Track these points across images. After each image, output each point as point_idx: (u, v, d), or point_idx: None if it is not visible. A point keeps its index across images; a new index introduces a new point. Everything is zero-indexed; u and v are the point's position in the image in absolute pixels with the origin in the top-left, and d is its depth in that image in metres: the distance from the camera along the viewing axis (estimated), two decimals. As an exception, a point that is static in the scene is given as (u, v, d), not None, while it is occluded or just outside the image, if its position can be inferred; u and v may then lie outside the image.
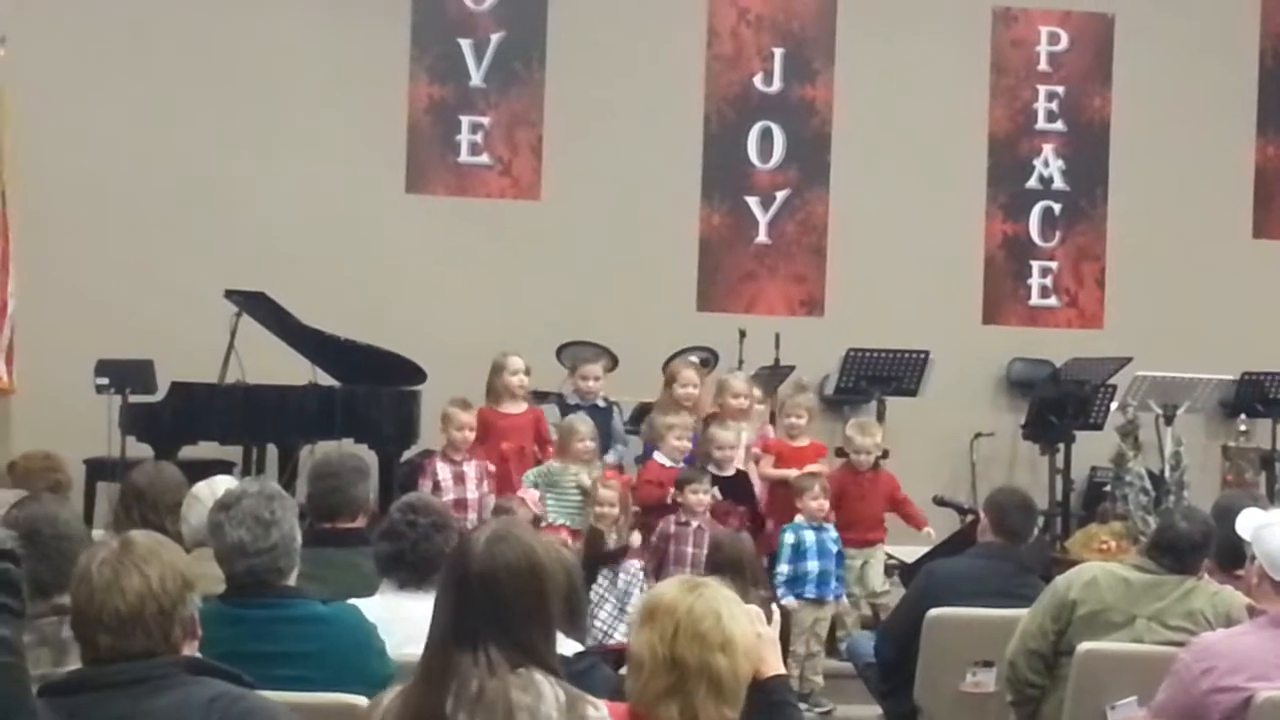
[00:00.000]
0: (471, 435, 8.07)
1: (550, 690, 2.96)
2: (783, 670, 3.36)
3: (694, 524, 7.60)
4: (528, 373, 8.50)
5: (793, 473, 8.18)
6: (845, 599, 7.88)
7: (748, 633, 3.10)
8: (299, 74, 10.57)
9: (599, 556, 7.42)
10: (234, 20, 10.50)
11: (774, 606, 3.54)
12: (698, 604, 3.05)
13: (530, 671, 2.96)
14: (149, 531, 3.49)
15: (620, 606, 7.36)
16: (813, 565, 7.67)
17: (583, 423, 8.08)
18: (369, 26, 10.71)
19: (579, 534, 7.64)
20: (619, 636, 7.12)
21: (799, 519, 7.80)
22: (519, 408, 8.42)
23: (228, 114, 10.42)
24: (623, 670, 3.22)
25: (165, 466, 5.86)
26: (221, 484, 4.89)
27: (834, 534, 7.81)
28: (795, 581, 7.65)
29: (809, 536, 7.72)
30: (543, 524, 7.48)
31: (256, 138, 10.45)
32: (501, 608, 2.96)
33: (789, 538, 7.71)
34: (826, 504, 7.81)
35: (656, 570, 7.43)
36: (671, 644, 3.01)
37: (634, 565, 7.55)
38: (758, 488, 8.28)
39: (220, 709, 3.00)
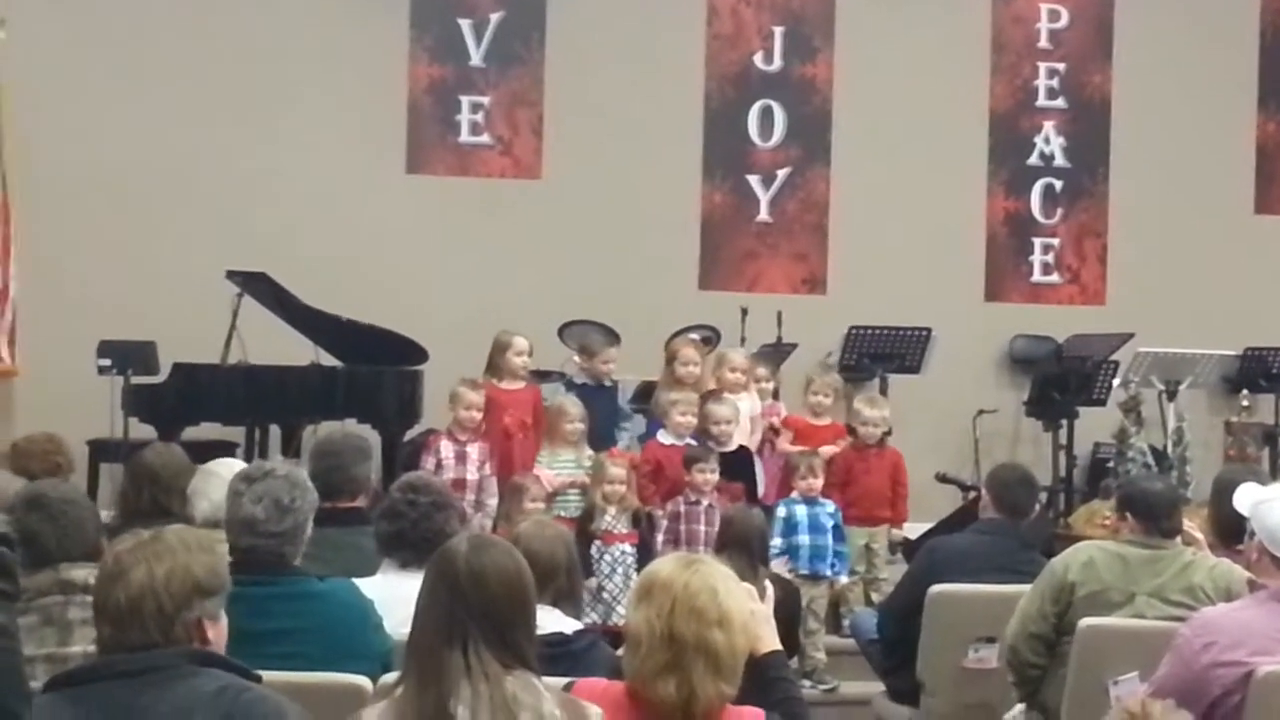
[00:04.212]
0: (479, 415, 8.02)
1: (546, 690, 3.00)
2: (778, 646, 3.36)
3: (704, 503, 7.57)
4: (530, 353, 8.51)
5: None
6: (846, 577, 7.86)
7: (744, 609, 3.11)
8: (298, 56, 10.54)
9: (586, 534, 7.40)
10: (233, 2, 10.48)
11: (767, 583, 3.53)
12: (694, 580, 3.06)
13: (525, 673, 3.00)
14: (185, 528, 3.40)
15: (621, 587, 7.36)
16: (804, 539, 7.64)
17: (573, 405, 8.04)
18: (368, 7, 10.68)
19: (574, 521, 7.60)
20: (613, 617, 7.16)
21: (794, 494, 7.81)
22: (519, 384, 8.45)
23: (228, 95, 10.39)
24: (619, 651, 3.23)
25: (174, 448, 5.86)
26: (235, 466, 4.88)
27: (830, 509, 7.78)
28: (788, 555, 7.63)
29: (800, 511, 7.70)
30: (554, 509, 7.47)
31: (257, 119, 10.42)
32: (492, 610, 3.01)
33: (781, 512, 7.71)
34: (818, 483, 7.78)
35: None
36: (669, 620, 3.02)
37: (627, 548, 7.53)
38: (776, 463, 8.32)
39: (227, 701, 2.98)
